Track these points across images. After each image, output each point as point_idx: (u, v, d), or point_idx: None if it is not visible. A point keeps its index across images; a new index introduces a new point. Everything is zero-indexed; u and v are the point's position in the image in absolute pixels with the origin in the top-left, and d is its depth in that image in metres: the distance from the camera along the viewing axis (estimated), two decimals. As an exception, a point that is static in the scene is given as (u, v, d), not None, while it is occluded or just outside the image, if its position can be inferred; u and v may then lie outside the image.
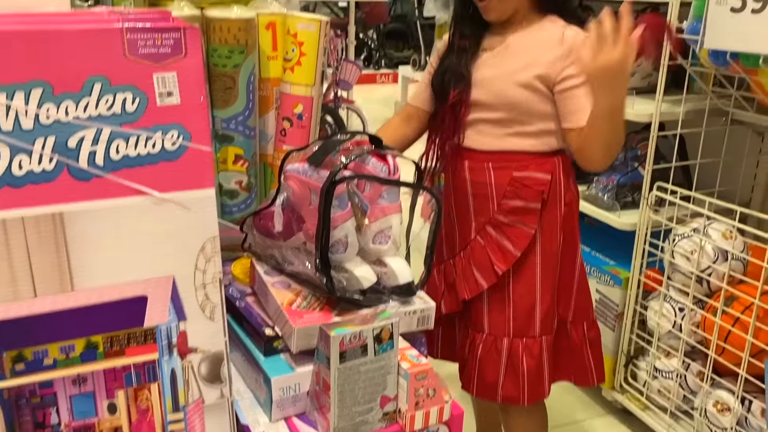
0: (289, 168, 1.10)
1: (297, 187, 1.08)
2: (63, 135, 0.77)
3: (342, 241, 1.07)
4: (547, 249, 1.46)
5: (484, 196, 1.49)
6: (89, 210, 0.80)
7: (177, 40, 0.81)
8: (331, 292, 1.05)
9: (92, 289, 0.82)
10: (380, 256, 1.12)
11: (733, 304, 1.66)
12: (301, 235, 1.08)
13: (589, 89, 1.28)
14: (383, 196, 1.09)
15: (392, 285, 1.11)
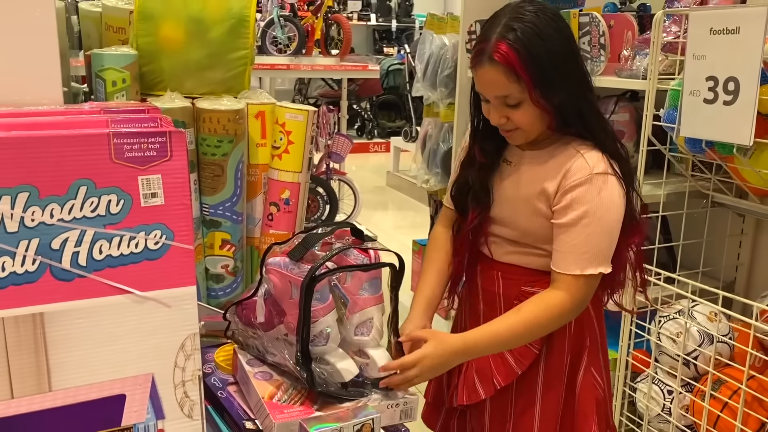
0: (270, 261, 1.11)
1: (278, 281, 1.09)
2: (47, 237, 0.79)
3: (323, 334, 1.07)
4: (551, 370, 1.38)
5: (492, 305, 1.42)
6: (70, 309, 0.81)
7: (162, 144, 0.83)
8: (311, 386, 1.05)
9: (70, 388, 0.82)
10: (362, 347, 1.12)
11: (721, 389, 1.65)
12: (282, 327, 1.09)
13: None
14: (364, 287, 1.10)
15: (374, 377, 1.11)
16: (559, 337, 1.37)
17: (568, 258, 1.24)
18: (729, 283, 2.08)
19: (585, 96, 1.25)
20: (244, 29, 1.42)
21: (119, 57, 1.32)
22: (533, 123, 1.24)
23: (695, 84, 1.52)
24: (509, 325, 1.24)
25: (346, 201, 5.32)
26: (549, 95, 1.20)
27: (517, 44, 1.17)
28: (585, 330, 1.40)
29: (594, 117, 1.27)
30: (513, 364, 1.37)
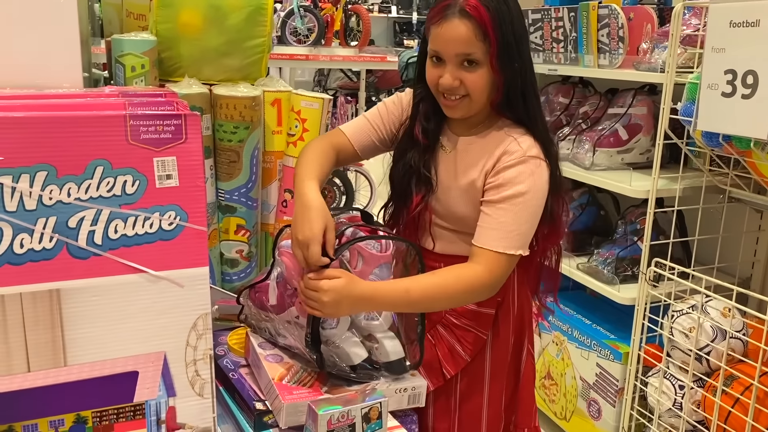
0: (283, 243, 1.13)
1: (290, 263, 1.10)
2: (64, 215, 0.81)
3: None
4: (498, 355, 1.38)
5: None
6: (86, 287, 0.83)
7: (178, 126, 0.85)
8: (320, 366, 1.06)
9: (84, 364, 0.84)
10: (372, 331, 1.13)
11: (733, 384, 1.64)
12: (293, 310, 1.10)
13: None
14: (374, 272, 1.12)
15: (383, 361, 1.12)
16: (504, 319, 1.37)
17: (492, 234, 1.21)
18: (745, 279, 2.06)
19: (531, 78, 1.25)
20: (261, 17, 1.43)
21: (139, 43, 1.34)
22: (483, 91, 1.21)
23: (714, 77, 1.50)
24: (422, 285, 1.16)
25: (362, 192, 5.34)
26: (506, 64, 1.19)
27: (490, 4, 1.16)
28: (525, 311, 1.41)
29: (535, 101, 1.27)
30: (461, 352, 1.35)
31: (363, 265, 1.11)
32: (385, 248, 1.13)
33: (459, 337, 1.36)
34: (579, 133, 2.20)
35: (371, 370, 1.12)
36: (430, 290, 1.17)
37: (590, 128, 2.19)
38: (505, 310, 1.37)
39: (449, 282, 1.19)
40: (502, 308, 1.37)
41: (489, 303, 1.34)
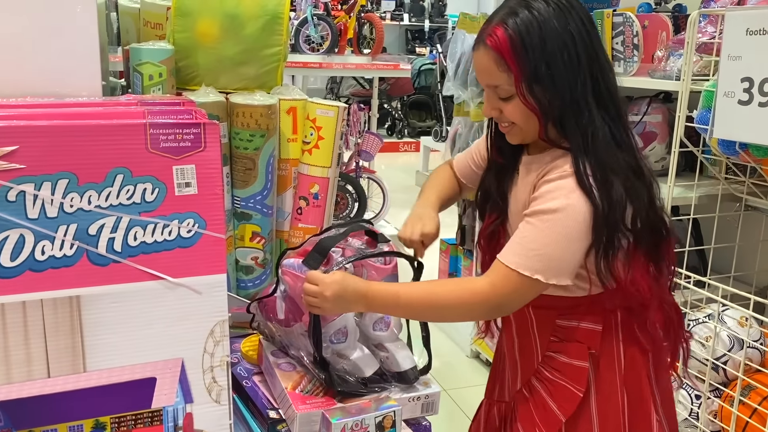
0: (284, 263, 1.13)
1: (292, 282, 1.10)
2: (84, 222, 0.82)
3: (342, 330, 1.08)
4: (605, 414, 1.19)
5: (528, 344, 1.27)
6: (105, 294, 0.84)
7: (197, 135, 0.86)
8: (330, 385, 1.06)
9: (104, 370, 0.85)
10: (381, 341, 1.13)
11: (751, 395, 1.63)
12: (301, 325, 1.10)
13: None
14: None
15: (395, 371, 1.12)
16: (608, 377, 1.19)
17: (510, 247, 1.10)
18: (762, 288, 2.05)
19: (586, 104, 1.08)
20: (278, 26, 1.44)
21: (156, 52, 1.35)
22: (526, 120, 1.12)
23: (730, 85, 1.50)
24: (414, 290, 1.11)
25: (374, 199, 5.31)
26: (537, 93, 1.08)
27: (514, 32, 1.07)
28: (639, 364, 1.20)
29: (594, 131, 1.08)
30: (555, 410, 1.20)
31: (367, 276, 1.11)
32: (388, 260, 1.13)
33: (551, 392, 1.21)
34: (593, 141, 2.20)
35: (382, 382, 1.12)
36: (421, 296, 1.11)
37: (604, 136, 2.19)
38: (607, 364, 1.19)
39: (446, 290, 1.13)
40: (601, 363, 1.19)
41: (580, 355, 1.18)
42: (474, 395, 2.84)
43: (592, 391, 1.19)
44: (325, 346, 1.08)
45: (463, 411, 2.70)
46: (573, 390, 1.18)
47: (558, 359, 1.21)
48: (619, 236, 1.08)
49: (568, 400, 1.18)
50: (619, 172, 1.08)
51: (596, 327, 1.18)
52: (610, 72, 1.13)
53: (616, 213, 1.07)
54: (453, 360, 3.14)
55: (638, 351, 1.20)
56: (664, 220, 1.15)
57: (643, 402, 1.20)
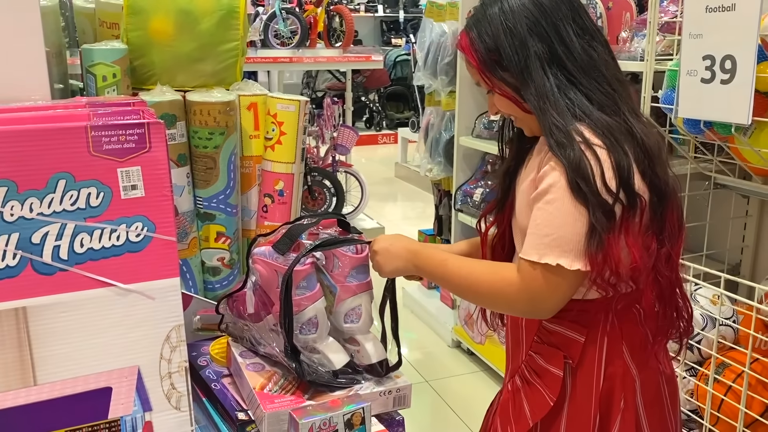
0: (255, 251, 1.11)
1: (264, 271, 1.09)
2: (27, 231, 0.79)
3: (312, 322, 1.07)
4: (575, 428, 1.15)
5: (517, 339, 1.25)
6: (53, 303, 0.81)
7: (141, 135, 0.83)
8: (301, 376, 1.05)
9: (56, 382, 0.82)
10: (352, 334, 1.12)
11: (725, 372, 1.63)
12: (270, 318, 1.09)
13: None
14: (352, 274, 1.10)
15: (365, 364, 1.10)
16: (582, 391, 1.15)
17: (528, 241, 1.06)
18: (734, 265, 2.06)
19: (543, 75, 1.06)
20: (234, 21, 1.41)
21: (109, 52, 1.32)
22: (510, 108, 1.14)
23: (692, 63, 1.49)
24: (459, 264, 1.14)
25: (353, 193, 5.29)
26: (500, 78, 1.10)
27: (469, 29, 1.13)
28: (617, 387, 1.14)
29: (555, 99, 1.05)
30: (527, 414, 1.18)
31: (340, 267, 1.10)
32: (360, 250, 1.11)
33: (527, 395, 1.19)
34: (563, 126, 2.20)
35: (353, 374, 1.10)
36: (463, 271, 1.13)
37: (574, 120, 2.18)
38: (585, 377, 1.14)
39: (483, 273, 1.12)
40: (578, 375, 1.15)
41: (556, 362, 1.15)
42: (456, 385, 2.85)
43: (565, 403, 1.16)
44: (296, 339, 1.07)
45: (446, 401, 2.70)
46: (546, 396, 1.16)
47: (537, 361, 1.19)
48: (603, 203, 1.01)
49: (539, 406, 1.16)
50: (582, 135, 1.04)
51: (578, 337, 1.14)
52: (582, 38, 1.08)
53: (585, 178, 1.01)
54: (435, 350, 3.14)
55: (622, 371, 1.14)
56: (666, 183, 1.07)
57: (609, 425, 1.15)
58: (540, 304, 1.08)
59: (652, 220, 1.06)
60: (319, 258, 1.11)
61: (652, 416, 1.17)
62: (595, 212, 1.01)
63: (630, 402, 1.15)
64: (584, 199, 1.01)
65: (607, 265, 1.01)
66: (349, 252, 1.10)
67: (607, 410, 1.15)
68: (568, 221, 1.02)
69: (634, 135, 1.05)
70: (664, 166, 1.08)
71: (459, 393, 2.76)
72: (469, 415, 2.49)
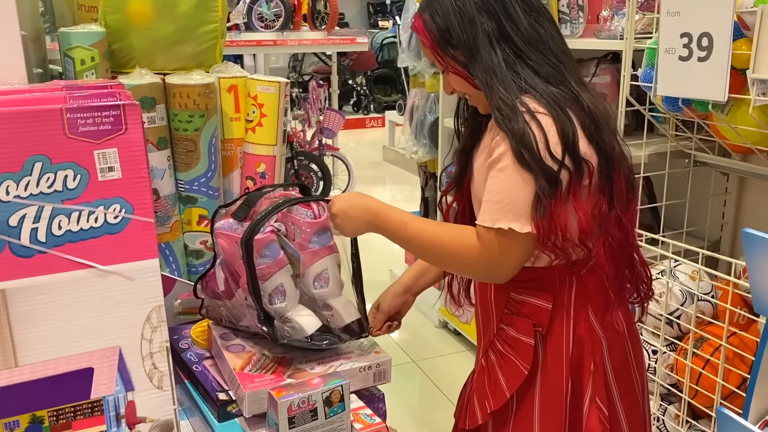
0: (217, 225, 1.12)
1: (226, 244, 1.10)
2: (4, 214, 0.79)
3: (280, 290, 1.08)
4: (548, 395, 1.18)
5: (486, 313, 1.27)
6: (32, 285, 0.82)
7: (117, 117, 0.83)
8: (274, 340, 1.07)
9: (37, 363, 0.83)
10: (325, 299, 1.13)
11: (703, 346, 1.66)
12: (241, 292, 1.10)
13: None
14: (313, 240, 1.11)
15: (341, 326, 1.12)
16: (553, 357, 1.18)
17: (484, 207, 1.10)
18: (714, 242, 2.08)
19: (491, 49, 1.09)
20: (212, 2, 1.41)
21: (86, 35, 1.31)
22: (462, 85, 1.17)
23: (670, 41, 1.50)
24: (420, 227, 1.15)
25: (340, 177, 5.32)
26: (449, 55, 1.14)
27: (422, 11, 1.16)
28: (586, 350, 1.18)
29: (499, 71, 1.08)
30: (504, 385, 1.20)
31: (300, 234, 1.11)
32: (318, 214, 1.12)
33: (502, 367, 1.21)
34: (546, 106, 2.21)
35: (328, 335, 1.11)
36: (424, 234, 1.15)
37: (557, 100, 2.19)
38: (555, 343, 1.18)
39: (445, 237, 1.14)
40: (548, 342, 1.18)
41: (527, 331, 1.18)
42: (443, 364, 2.88)
43: (538, 371, 1.19)
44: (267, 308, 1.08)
45: (433, 381, 2.73)
46: (519, 366, 1.19)
47: (508, 332, 1.21)
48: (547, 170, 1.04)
49: (515, 376, 1.19)
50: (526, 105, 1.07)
51: (546, 305, 1.17)
52: (529, 15, 1.12)
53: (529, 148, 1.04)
54: (422, 331, 3.17)
55: (589, 335, 1.18)
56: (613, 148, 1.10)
57: (580, 383, 1.19)
58: (497, 269, 1.11)
59: (600, 183, 1.09)
60: (279, 228, 1.11)
61: (619, 376, 1.21)
62: (539, 180, 1.04)
63: (599, 364, 1.18)
64: (529, 168, 1.04)
65: (553, 230, 1.05)
66: (307, 218, 1.11)
67: (578, 374, 1.18)
68: (519, 187, 1.06)
69: (579, 102, 1.09)
70: (612, 133, 1.12)
71: (446, 372, 2.79)
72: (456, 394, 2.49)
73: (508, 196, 1.07)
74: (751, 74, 1.37)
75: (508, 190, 1.07)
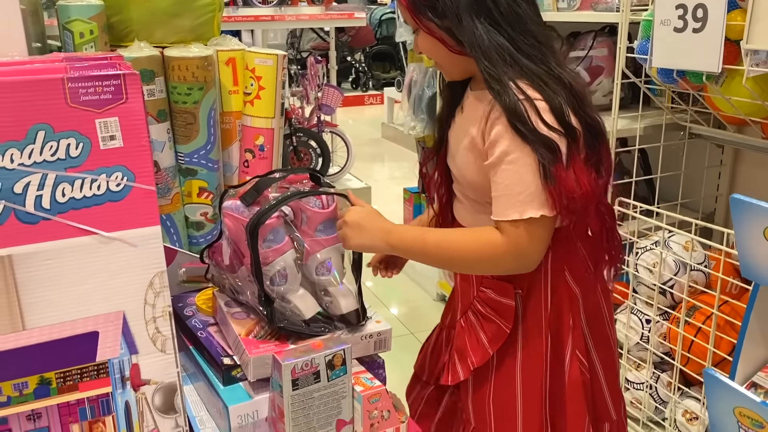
0: (225, 205, 1.14)
1: (232, 225, 1.12)
2: (9, 181, 0.81)
3: (281, 273, 1.10)
4: (530, 356, 1.24)
5: (466, 276, 1.32)
6: (38, 251, 0.84)
7: (117, 87, 0.85)
8: (272, 322, 1.09)
9: (44, 327, 0.86)
10: (324, 287, 1.15)
11: (695, 315, 1.69)
12: (244, 269, 1.12)
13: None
14: (320, 229, 1.13)
15: (338, 314, 1.14)
16: (533, 314, 1.24)
17: (502, 202, 1.11)
18: (709, 214, 2.11)
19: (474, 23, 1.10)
20: (210, -25, 1.41)
21: (85, 8, 1.32)
22: (433, 50, 1.19)
23: (666, 13, 1.51)
24: (438, 236, 1.16)
25: (339, 153, 5.31)
26: (429, 20, 1.14)
27: None
28: (564, 310, 1.24)
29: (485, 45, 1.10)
30: (486, 343, 1.25)
31: (307, 222, 1.13)
32: (326, 204, 1.14)
33: (483, 327, 1.26)
34: (543, 79, 2.21)
35: (325, 322, 1.14)
36: (444, 243, 1.15)
37: (554, 73, 2.20)
38: (534, 304, 1.23)
39: (466, 241, 1.15)
40: (529, 302, 1.23)
41: (507, 293, 1.23)
42: (442, 337, 2.92)
43: (519, 330, 1.24)
44: (269, 289, 1.10)
45: (432, 353, 2.77)
46: (501, 326, 1.23)
47: (489, 295, 1.26)
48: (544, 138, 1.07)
49: (497, 335, 1.24)
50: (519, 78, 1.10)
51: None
52: None
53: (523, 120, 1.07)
54: (420, 304, 3.21)
55: (566, 288, 1.24)
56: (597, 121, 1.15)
57: (560, 339, 1.24)
58: (526, 259, 1.13)
59: (589, 154, 1.12)
60: (288, 214, 1.13)
61: (594, 330, 1.28)
62: (539, 150, 1.06)
63: (577, 320, 1.24)
64: (525, 139, 1.07)
65: (563, 193, 1.07)
66: (315, 207, 1.13)
67: (557, 330, 1.24)
68: (534, 173, 1.08)
69: (562, 80, 1.12)
70: (592, 107, 1.15)
71: (444, 345, 2.82)
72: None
73: (529, 185, 1.08)
74: (745, 45, 1.38)
75: (528, 180, 1.08)
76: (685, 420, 1.72)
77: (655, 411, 1.89)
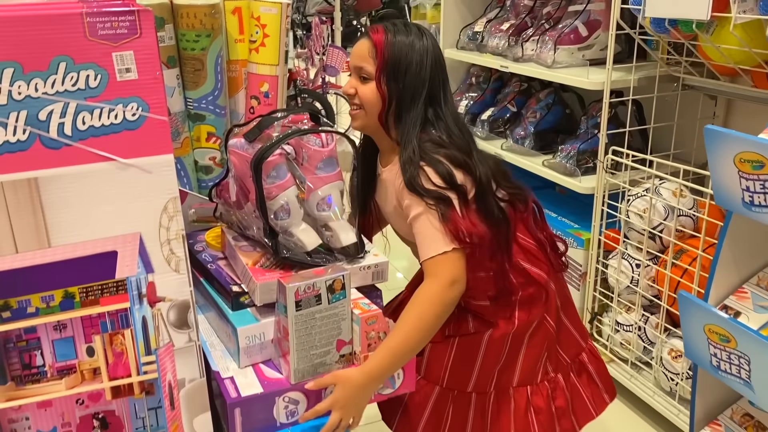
0: (230, 143, 1.21)
1: (237, 162, 1.18)
2: (34, 109, 0.88)
3: (284, 208, 1.17)
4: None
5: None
6: (61, 175, 0.91)
7: (132, 22, 0.91)
8: (276, 253, 1.16)
9: (67, 245, 0.93)
10: (326, 221, 1.22)
11: (682, 257, 1.76)
12: (249, 205, 1.19)
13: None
14: (320, 167, 1.20)
15: (338, 247, 1.22)
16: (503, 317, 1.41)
17: (426, 243, 1.27)
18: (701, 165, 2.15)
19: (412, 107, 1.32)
20: (216, -75, 1.45)
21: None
22: (373, 103, 1.35)
23: (658, -38, 1.54)
24: (402, 337, 1.21)
25: (343, 115, 5.33)
26: (389, 84, 1.32)
27: (390, 35, 1.34)
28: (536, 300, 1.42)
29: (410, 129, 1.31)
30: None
31: (308, 160, 1.19)
32: (326, 143, 1.20)
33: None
34: (542, 33, 2.25)
35: (326, 254, 1.21)
36: (406, 335, 1.21)
37: (552, 27, 2.24)
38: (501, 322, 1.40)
39: (416, 315, 1.23)
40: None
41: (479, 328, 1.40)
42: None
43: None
44: (273, 223, 1.17)
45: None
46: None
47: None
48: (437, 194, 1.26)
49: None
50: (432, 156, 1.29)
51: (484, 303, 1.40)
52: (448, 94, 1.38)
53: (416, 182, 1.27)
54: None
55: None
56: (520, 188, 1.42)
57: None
58: (459, 284, 1.27)
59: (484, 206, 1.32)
60: (290, 152, 1.20)
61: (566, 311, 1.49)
62: (434, 202, 1.26)
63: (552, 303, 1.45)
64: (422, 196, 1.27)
65: (460, 230, 1.26)
66: (316, 146, 1.19)
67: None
68: (439, 219, 1.27)
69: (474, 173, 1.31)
70: (512, 181, 1.42)
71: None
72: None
73: (437, 229, 1.26)
74: (734, -7, 1.42)
75: (436, 225, 1.26)
76: (671, 358, 1.80)
77: (644, 351, 1.97)
